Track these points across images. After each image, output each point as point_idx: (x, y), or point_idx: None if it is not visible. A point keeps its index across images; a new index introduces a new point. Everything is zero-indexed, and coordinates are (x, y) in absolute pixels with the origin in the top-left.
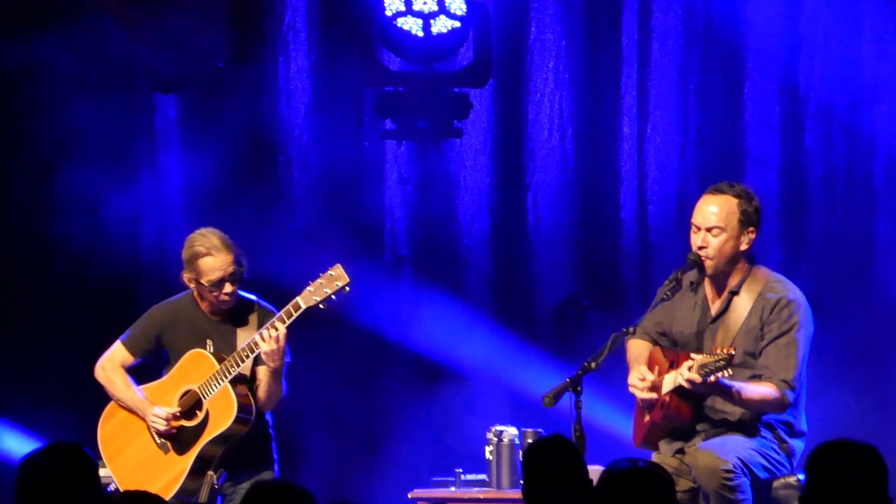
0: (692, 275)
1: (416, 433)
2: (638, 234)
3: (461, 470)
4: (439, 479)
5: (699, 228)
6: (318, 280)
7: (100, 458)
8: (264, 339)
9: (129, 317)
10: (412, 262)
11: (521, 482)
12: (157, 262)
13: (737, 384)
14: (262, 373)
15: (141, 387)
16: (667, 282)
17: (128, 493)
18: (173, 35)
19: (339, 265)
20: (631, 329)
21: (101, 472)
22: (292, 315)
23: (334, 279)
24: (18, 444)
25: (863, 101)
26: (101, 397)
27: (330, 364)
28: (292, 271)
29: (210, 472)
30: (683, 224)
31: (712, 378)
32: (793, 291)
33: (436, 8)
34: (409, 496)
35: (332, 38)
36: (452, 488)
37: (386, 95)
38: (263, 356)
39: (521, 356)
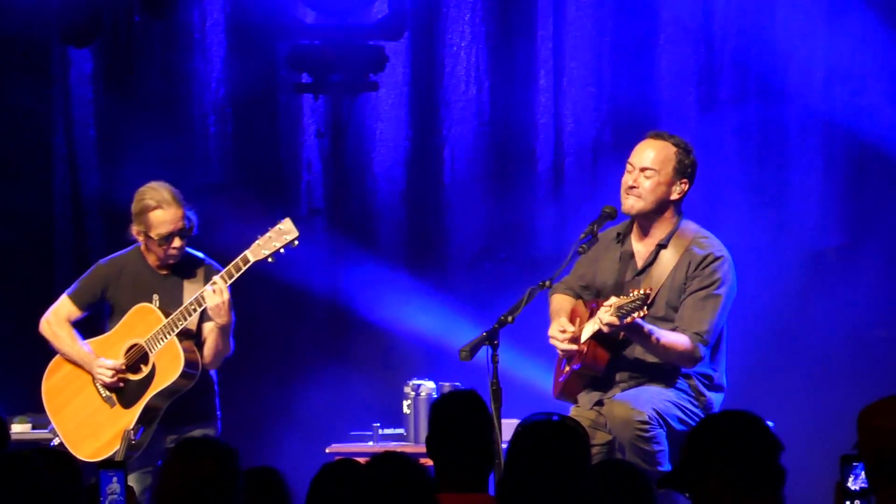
0: (619, 226)
1: (332, 388)
2: (554, 186)
3: (379, 424)
4: (357, 433)
5: (634, 168)
6: (267, 234)
7: (25, 412)
8: (209, 295)
9: (44, 271)
10: (328, 215)
11: (428, 433)
12: (71, 216)
13: (650, 327)
14: (210, 330)
15: (87, 341)
16: (582, 234)
17: (38, 450)
18: None
19: (288, 219)
20: (548, 282)
21: (17, 427)
22: (241, 269)
23: (283, 233)
24: None
25: (777, 54)
26: (16, 353)
27: (244, 319)
28: (208, 225)
29: (126, 429)
30: (599, 176)
31: (629, 319)
32: (719, 249)
33: None
34: (327, 451)
35: None
36: (370, 443)
37: (301, 48)
38: (210, 312)
39: (438, 310)
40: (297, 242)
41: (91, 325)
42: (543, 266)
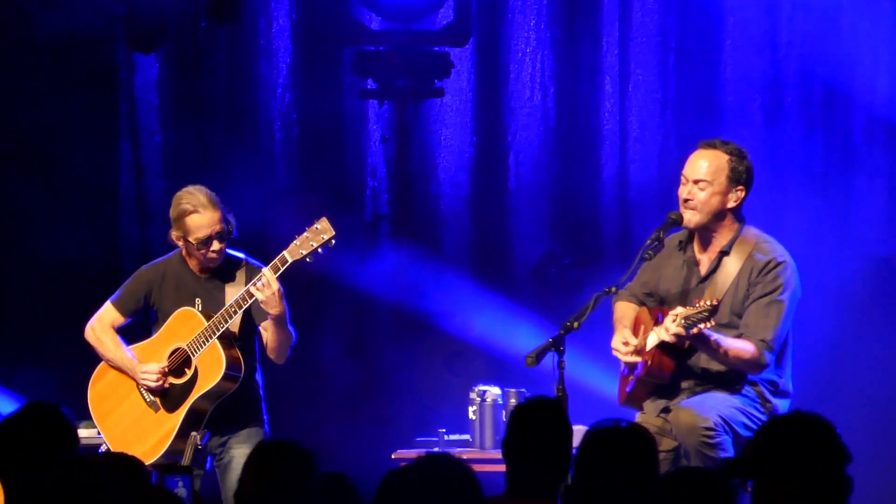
0: (681, 234)
1: (398, 393)
2: (619, 192)
3: (444, 430)
4: (422, 439)
5: (687, 180)
6: (304, 234)
7: (90, 418)
8: (258, 289)
9: (108, 277)
10: (393, 222)
11: (505, 438)
12: (138, 222)
13: (716, 335)
14: (267, 324)
15: (130, 347)
16: (648, 241)
17: (108, 454)
18: None
19: (324, 218)
20: (613, 288)
21: (84, 432)
22: (279, 269)
23: (320, 232)
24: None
25: (843, 60)
26: (81, 358)
27: (312, 324)
28: (273, 231)
29: (193, 433)
30: (664, 182)
31: (695, 330)
32: (782, 253)
33: None
34: (393, 456)
35: None
36: (436, 448)
37: (367, 55)
38: (263, 305)
39: (504, 316)
40: (333, 242)
41: (138, 331)
42: (609, 272)
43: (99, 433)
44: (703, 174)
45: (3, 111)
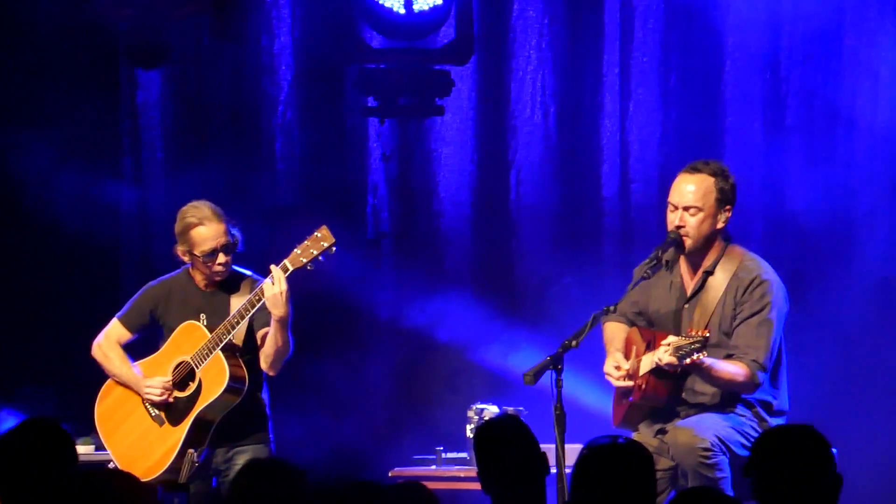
0: (668, 254)
1: (396, 411)
2: (620, 211)
3: (442, 448)
4: (420, 457)
5: (676, 207)
6: (305, 242)
7: (88, 434)
8: (263, 289)
9: (109, 292)
10: (394, 239)
11: (476, 464)
12: (139, 237)
13: (708, 361)
14: (267, 330)
15: (136, 363)
16: (647, 260)
17: (106, 471)
18: (156, 10)
19: (324, 227)
20: (612, 307)
21: (82, 448)
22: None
23: (321, 240)
24: None
25: (844, 79)
26: (80, 374)
27: (310, 341)
28: (275, 248)
29: (190, 451)
30: (664, 201)
31: (688, 360)
32: (767, 271)
33: None
34: (390, 474)
35: (315, 14)
36: (433, 466)
37: (368, 72)
38: (268, 303)
39: (503, 334)
40: (334, 249)
41: (145, 348)
42: (608, 291)
43: (97, 449)
44: (692, 200)
45: (3, 125)
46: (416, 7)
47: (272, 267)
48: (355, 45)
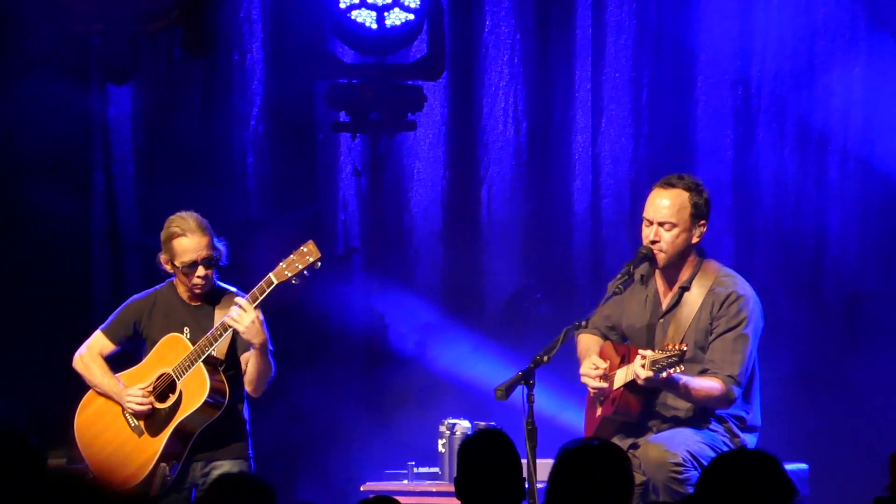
0: (643, 268)
1: (368, 426)
2: (591, 226)
3: (413, 463)
4: (392, 471)
5: (651, 222)
6: (291, 256)
7: (60, 447)
8: (235, 320)
9: (81, 308)
10: (364, 254)
11: (455, 474)
12: (110, 252)
13: (684, 378)
14: (249, 355)
15: (118, 374)
16: (619, 275)
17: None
18: (127, 26)
19: (311, 241)
20: (583, 322)
21: (53, 462)
22: (265, 291)
23: (306, 255)
24: None
25: (815, 96)
26: (52, 388)
27: (281, 356)
28: (246, 262)
29: (162, 464)
30: (636, 217)
31: (664, 374)
32: (742, 286)
33: (390, 0)
34: (362, 489)
35: (287, 30)
36: (405, 481)
37: (340, 87)
38: (243, 334)
39: (474, 349)
40: (319, 264)
41: (127, 362)
42: (580, 306)
43: (69, 463)
44: (667, 215)
45: None
46: (388, 22)
47: (237, 299)
48: (327, 61)
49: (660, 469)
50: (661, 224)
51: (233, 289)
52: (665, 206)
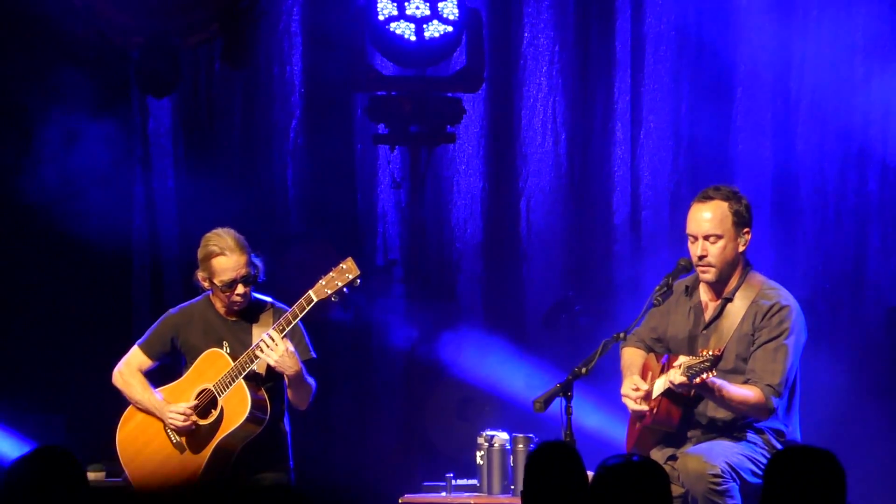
0: (688, 280)
1: (406, 438)
2: (630, 238)
3: (452, 475)
4: (430, 483)
5: (696, 238)
6: (330, 273)
7: (99, 461)
8: (265, 354)
9: (121, 322)
10: (404, 266)
11: (522, 487)
12: (150, 267)
13: (719, 382)
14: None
15: (158, 389)
16: (658, 287)
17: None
18: (167, 38)
19: (350, 258)
20: (622, 334)
21: (92, 476)
22: (305, 308)
23: (345, 272)
24: (8, 449)
25: (854, 108)
26: (91, 402)
27: (320, 368)
28: (286, 274)
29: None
30: (675, 229)
31: (698, 379)
32: (786, 298)
33: (429, 13)
34: (401, 501)
35: (326, 42)
36: (443, 493)
37: (379, 100)
38: (279, 368)
39: (513, 361)
40: (358, 282)
41: (166, 375)
42: (618, 318)
43: (108, 476)
44: (710, 228)
45: (16, 152)
46: (427, 34)
47: (263, 336)
48: (366, 73)
49: (699, 480)
50: (706, 238)
51: (268, 299)
52: (707, 219)
